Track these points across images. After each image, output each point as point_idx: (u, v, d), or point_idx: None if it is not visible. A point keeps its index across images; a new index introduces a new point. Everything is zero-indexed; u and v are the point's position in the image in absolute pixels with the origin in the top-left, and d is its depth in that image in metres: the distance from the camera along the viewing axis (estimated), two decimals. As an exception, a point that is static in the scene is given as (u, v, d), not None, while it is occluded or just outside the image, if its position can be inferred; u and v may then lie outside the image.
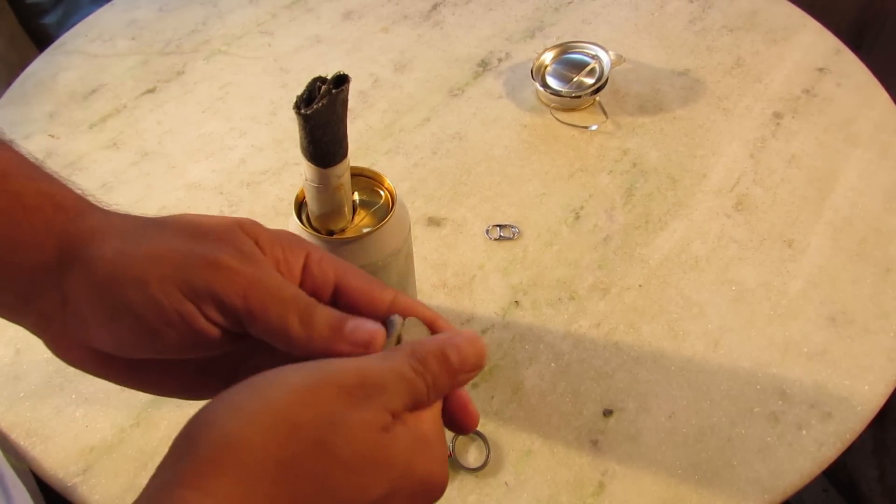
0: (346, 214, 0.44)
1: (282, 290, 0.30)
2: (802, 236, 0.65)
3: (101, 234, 0.31)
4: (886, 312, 0.60)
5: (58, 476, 0.53)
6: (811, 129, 0.74)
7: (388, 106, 0.78)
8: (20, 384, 0.57)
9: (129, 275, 0.29)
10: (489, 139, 0.74)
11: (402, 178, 0.71)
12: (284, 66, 0.83)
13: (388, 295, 0.33)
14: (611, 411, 0.55)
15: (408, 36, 0.86)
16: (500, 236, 0.66)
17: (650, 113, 0.76)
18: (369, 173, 0.47)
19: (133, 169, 0.73)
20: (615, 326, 0.60)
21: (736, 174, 0.70)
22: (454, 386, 0.31)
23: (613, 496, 0.51)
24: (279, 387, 0.26)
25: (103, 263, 0.30)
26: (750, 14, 0.87)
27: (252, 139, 0.75)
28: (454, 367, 0.30)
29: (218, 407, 0.26)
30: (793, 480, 0.51)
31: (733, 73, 0.80)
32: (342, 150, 0.40)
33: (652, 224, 0.67)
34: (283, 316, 0.30)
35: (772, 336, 0.59)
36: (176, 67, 0.83)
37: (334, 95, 0.36)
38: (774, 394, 0.56)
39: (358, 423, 0.26)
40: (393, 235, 0.46)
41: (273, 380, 0.27)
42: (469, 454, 0.53)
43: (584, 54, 0.77)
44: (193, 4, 0.91)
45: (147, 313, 0.29)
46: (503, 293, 0.62)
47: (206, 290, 0.29)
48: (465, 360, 0.30)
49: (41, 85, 0.82)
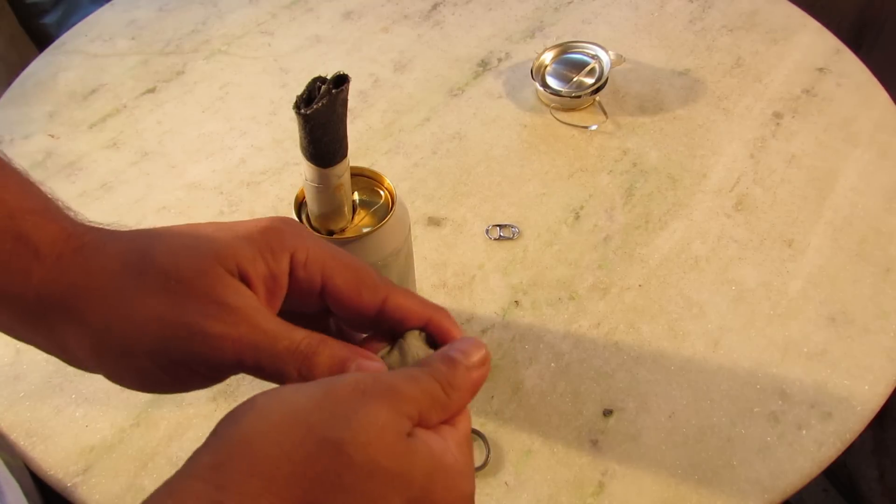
0: (346, 214, 0.44)
1: (274, 346, 0.29)
2: (802, 236, 0.65)
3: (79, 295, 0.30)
4: (886, 312, 0.60)
5: (58, 476, 0.53)
6: (811, 129, 0.74)
7: (388, 106, 0.78)
8: (20, 384, 0.57)
9: (118, 348, 0.29)
10: (489, 139, 0.74)
11: (402, 178, 0.71)
12: (284, 66, 0.83)
13: (377, 297, 0.32)
14: (611, 411, 0.55)
15: (408, 36, 0.86)
16: (500, 236, 0.66)
17: (650, 113, 0.76)
18: (369, 173, 0.47)
19: (133, 169, 0.73)
20: (615, 326, 0.60)
21: (736, 174, 0.70)
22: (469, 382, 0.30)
23: (613, 496, 0.51)
24: (300, 392, 0.27)
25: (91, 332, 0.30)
26: (750, 14, 0.87)
27: (252, 139, 0.75)
28: (460, 361, 0.30)
29: (244, 406, 0.26)
30: (793, 480, 0.51)
31: (733, 73, 0.80)
32: (342, 150, 0.40)
33: (652, 224, 0.67)
34: (280, 371, 0.30)
35: (772, 336, 0.59)
36: (176, 67, 0.83)
37: (334, 95, 0.36)
38: (774, 394, 0.56)
39: (375, 425, 0.26)
40: (393, 235, 0.46)
41: (297, 386, 0.27)
42: (469, 454, 0.53)
43: (583, 54, 0.77)
44: (193, 4, 0.91)
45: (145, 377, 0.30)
46: (503, 293, 0.62)
47: (197, 359, 0.29)
48: (467, 352, 0.31)
49: (41, 85, 0.82)
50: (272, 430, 0.25)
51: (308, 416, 0.26)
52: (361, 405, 0.26)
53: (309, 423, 0.25)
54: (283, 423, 0.25)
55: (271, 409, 0.26)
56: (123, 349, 0.29)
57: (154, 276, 0.30)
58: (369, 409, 0.26)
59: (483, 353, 0.31)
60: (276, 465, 0.25)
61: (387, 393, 0.27)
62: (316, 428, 0.25)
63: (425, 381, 0.29)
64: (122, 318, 0.29)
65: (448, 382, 0.29)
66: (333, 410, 0.26)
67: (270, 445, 0.25)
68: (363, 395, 0.26)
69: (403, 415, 0.27)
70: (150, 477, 0.52)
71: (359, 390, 0.27)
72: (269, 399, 0.27)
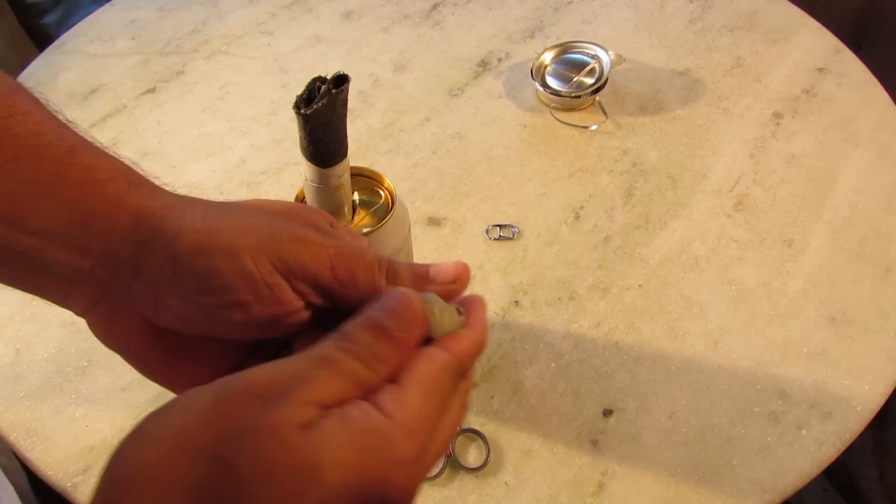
0: (346, 214, 0.44)
1: (364, 256, 0.31)
2: (802, 236, 0.65)
3: (181, 208, 0.31)
4: (886, 312, 0.60)
5: (58, 476, 0.53)
6: (811, 129, 0.74)
7: (388, 106, 0.78)
8: (20, 384, 0.57)
9: (219, 245, 0.29)
10: (489, 139, 0.74)
11: (402, 178, 0.71)
12: (284, 66, 0.83)
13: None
14: (611, 411, 0.55)
15: (408, 36, 0.86)
16: (500, 236, 0.66)
17: (650, 113, 0.76)
18: (369, 173, 0.47)
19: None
20: (615, 326, 0.60)
21: (736, 174, 0.70)
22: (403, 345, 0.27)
23: (613, 496, 0.51)
24: (185, 408, 0.24)
25: (190, 233, 0.29)
26: (750, 14, 0.87)
27: (252, 139, 0.75)
28: (388, 328, 0.26)
29: (134, 435, 0.24)
30: (793, 480, 0.51)
31: (733, 73, 0.80)
32: (342, 150, 0.40)
33: (652, 224, 0.67)
34: (370, 279, 0.31)
35: (772, 336, 0.59)
36: (176, 67, 0.83)
37: (334, 95, 0.36)
38: (774, 394, 0.56)
39: (266, 428, 0.23)
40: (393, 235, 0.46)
41: (182, 401, 0.25)
42: (469, 454, 0.53)
43: (583, 54, 0.77)
44: (193, 4, 0.91)
45: (237, 284, 0.29)
46: (503, 293, 0.62)
47: (297, 263, 0.30)
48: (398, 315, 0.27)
49: (41, 85, 0.82)
50: (161, 459, 0.23)
51: (197, 436, 0.24)
52: (253, 412, 0.24)
53: (197, 445, 0.23)
54: (173, 449, 0.23)
55: (160, 436, 0.24)
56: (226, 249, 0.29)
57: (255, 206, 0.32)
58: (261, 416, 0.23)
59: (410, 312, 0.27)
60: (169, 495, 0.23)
61: (287, 388, 0.24)
62: (205, 448, 0.23)
63: (340, 360, 0.25)
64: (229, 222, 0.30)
65: (375, 356, 0.26)
66: (222, 425, 0.24)
67: (161, 474, 0.23)
68: (255, 398, 0.24)
69: (310, 404, 0.24)
70: (150, 477, 0.52)
71: (251, 394, 0.24)
72: (159, 424, 0.24)
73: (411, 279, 0.32)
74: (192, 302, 0.29)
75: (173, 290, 0.29)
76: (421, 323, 0.28)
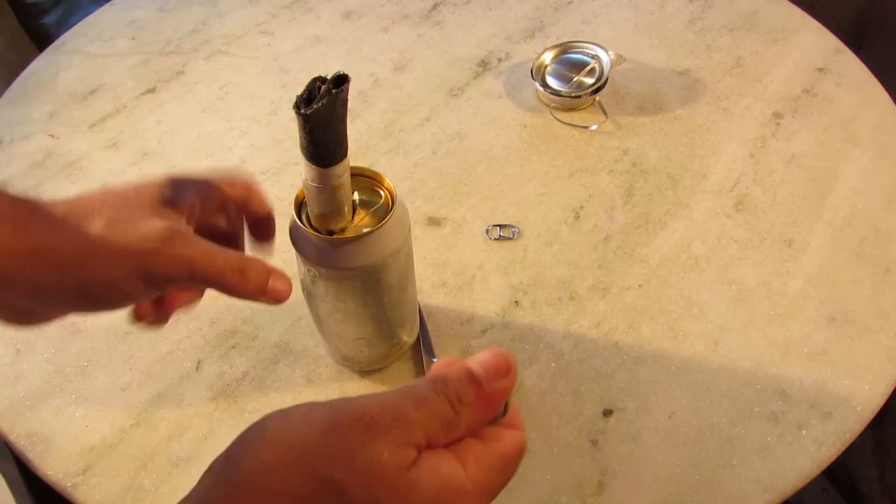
0: (346, 214, 0.44)
1: (216, 261, 0.39)
2: (802, 236, 0.65)
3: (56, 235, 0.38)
4: (886, 312, 0.60)
5: (58, 476, 0.53)
6: (811, 129, 0.74)
7: (388, 106, 0.78)
8: (20, 384, 0.57)
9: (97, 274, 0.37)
10: (489, 139, 0.74)
11: (402, 178, 0.71)
12: (284, 65, 0.83)
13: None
14: (611, 411, 0.55)
15: (408, 36, 0.86)
16: (500, 236, 0.66)
17: (650, 113, 0.76)
18: (369, 173, 0.47)
19: (133, 169, 0.73)
20: (615, 326, 0.60)
21: (736, 174, 0.70)
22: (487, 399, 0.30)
23: (613, 496, 0.51)
24: (304, 421, 0.28)
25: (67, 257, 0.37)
26: (750, 14, 0.87)
27: (252, 139, 0.75)
28: (477, 377, 0.30)
29: (256, 433, 0.28)
30: (793, 480, 0.51)
31: (733, 73, 0.80)
32: (342, 150, 0.40)
33: (652, 224, 0.67)
34: (221, 278, 0.40)
35: (772, 336, 0.59)
36: (176, 67, 0.83)
37: (334, 95, 0.36)
38: (774, 394, 0.56)
39: (377, 463, 0.27)
40: (393, 235, 0.46)
41: (301, 413, 0.28)
42: (469, 454, 0.53)
43: (583, 54, 0.77)
44: (193, 4, 0.91)
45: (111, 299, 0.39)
46: (503, 293, 0.62)
47: (161, 277, 0.38)
48: (488, 367, 0.30)
49: (41, 85, 0.82)
50: (281, 466, 0.27)
51: (313, 452, 0.27)
52: (365, 441, 0.27)
53: (314, 461, 0.27)
54: (292, 459, 0.27)
55: (280, 442, 0.27)
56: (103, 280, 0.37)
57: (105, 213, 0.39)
58: (372, 448, 0.27)
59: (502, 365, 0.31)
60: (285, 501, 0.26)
61: (391, 425, 0.27)
62: (320, 466, 0.27)
63: (434, 401, 0.29)
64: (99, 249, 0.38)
65: (460, 400, 0.29)
66: (337, 447, 0.27)
67: (280, 482, 0.26)
68: (367, 429, 0.27)
69: (408, 444, 0.28)
70: (150, 477, 0.52)
71: (363, 423, 0.27)
72: (279, 429, 0.28)
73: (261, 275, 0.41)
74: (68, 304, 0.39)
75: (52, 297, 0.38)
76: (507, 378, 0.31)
